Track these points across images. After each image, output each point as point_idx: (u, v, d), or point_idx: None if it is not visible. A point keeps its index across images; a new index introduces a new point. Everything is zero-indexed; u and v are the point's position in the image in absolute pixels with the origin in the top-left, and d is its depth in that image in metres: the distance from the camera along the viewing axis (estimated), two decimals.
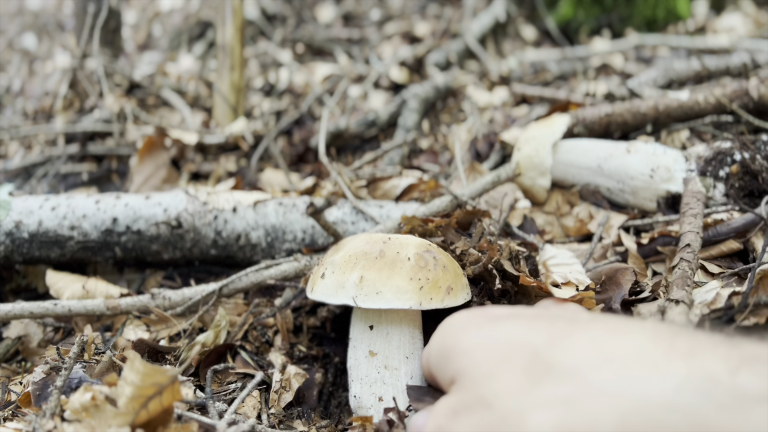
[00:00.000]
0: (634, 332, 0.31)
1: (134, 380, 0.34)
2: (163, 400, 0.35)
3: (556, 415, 0.29)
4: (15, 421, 0.49)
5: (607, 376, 0.29)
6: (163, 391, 0.35)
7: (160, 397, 0.35)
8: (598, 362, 0.30)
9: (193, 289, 0.55)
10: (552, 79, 1.21)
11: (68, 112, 1.17)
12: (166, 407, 0.36)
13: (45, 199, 0.68)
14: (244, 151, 1.03)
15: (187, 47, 1.65)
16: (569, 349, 0.31)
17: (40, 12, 2.05)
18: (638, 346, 0.30)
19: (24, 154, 1.14)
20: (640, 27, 1.48)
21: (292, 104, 1.24)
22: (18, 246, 0.66)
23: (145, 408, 0.35)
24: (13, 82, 1.55)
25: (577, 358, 0.31)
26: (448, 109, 1.15)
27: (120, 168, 1.04)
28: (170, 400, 0.35)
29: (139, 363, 0.34)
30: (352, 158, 1.04)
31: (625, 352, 0.30)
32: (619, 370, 0.29)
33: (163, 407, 0.36)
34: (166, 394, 0.35)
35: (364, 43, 1.58)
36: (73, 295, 0.63)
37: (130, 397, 0.35)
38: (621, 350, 0.30)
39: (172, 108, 1.18)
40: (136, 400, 0.35)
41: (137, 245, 0.66)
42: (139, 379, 0.34)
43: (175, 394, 0.35)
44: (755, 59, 1.08)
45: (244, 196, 0.67)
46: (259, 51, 1.56)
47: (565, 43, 1.48)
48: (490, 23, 1.48)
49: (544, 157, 0.74)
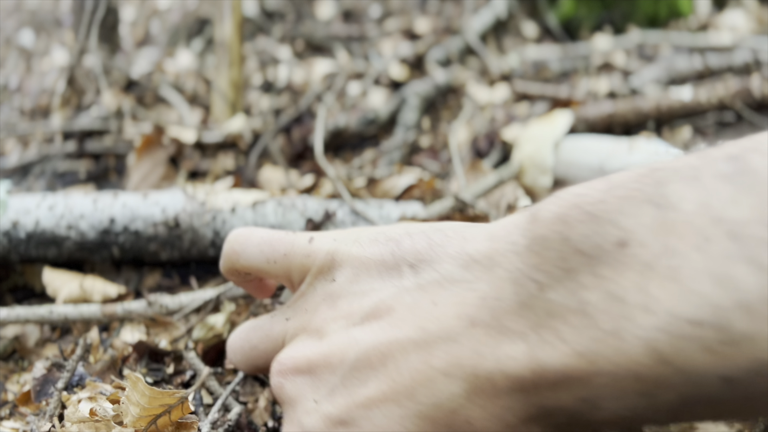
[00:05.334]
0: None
1: (140, 401, 0.33)
2: (172, 416, 0.35)
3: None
4: (13, 421, 0.48)
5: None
6: (172, 410, 0.34)
7: (169, 414, 0.34)
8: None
9: (191, 296, 0.55)
10: (553, 77, 1.21)
11: (66, 109, 1.16)
12: (175, 421, 0.35)
13: (42, 197, 0.67)
14: (242, 149, 1.02)
15: (185, 44, 1.64)
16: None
17: (37, 8, 2.04)
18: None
19: (21, 152, 1.14)
20: (642, 24, 1.47)
21: (291, 101, 1.23)
22: (15, 246, 0.65)
23: (154, 424, 0.34)
24: (11, 79, 1.54)
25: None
26: (449, 107, 1.15)
27: (118, 166, 1.04)
28: (179, 415, 0.35)
29: (143, 386, 0.33)
30: (351, 156, 1.03)
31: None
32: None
33: (172, 422, 0.35)
34: (175, 412, 0.34)
35: (364, 40, 1.57)
36: (70, 295, 0.63)
37: (137, 417, 0.34)
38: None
39: (170, 105, 1.18)
40: (144, 419, 0.34)
41: (135, 245, 0.65)
42: (145, 401, 0.33)
43: (185, 410, 0.35)
44: (758, 57, 1.08)
45: (242, 195, 0.67)
46: (258, 48, 1.55)
47: (567, 40, 1.47)
48: (491, 20, 1.47)
49: (545, 155, 0.73)
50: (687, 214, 0.22)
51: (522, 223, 0.27)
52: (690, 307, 0.21)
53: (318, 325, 0.32)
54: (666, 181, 0.23)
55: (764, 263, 0.20)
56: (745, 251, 0.20)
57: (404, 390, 0.27)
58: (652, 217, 0.22)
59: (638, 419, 0.24)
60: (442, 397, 0.26)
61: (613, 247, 0.23)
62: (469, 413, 0.26)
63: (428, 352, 0.27)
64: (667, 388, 0.22)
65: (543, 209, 0.26)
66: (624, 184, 0.24)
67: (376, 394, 0.27)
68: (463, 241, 0.29)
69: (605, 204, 0.24)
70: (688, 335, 0.21)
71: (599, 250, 0.23)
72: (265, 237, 0.38)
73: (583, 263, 0.23)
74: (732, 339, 0.20)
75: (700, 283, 0.21)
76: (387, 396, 0.27)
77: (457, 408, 0.26)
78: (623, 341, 0.22)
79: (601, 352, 0.22)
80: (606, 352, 0.22)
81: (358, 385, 0.28)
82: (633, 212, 0.23)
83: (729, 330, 0.20)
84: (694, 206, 0.22)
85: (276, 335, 0.36)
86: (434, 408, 0.26)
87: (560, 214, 0.25)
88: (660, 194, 0.23)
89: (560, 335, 0.23)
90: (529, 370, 0.24)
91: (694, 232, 0.21)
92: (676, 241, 0.22)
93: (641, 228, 0.22)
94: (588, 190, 0.25)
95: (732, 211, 0.21)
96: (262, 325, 0.38)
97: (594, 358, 0.23)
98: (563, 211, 0.25)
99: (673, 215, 0.22)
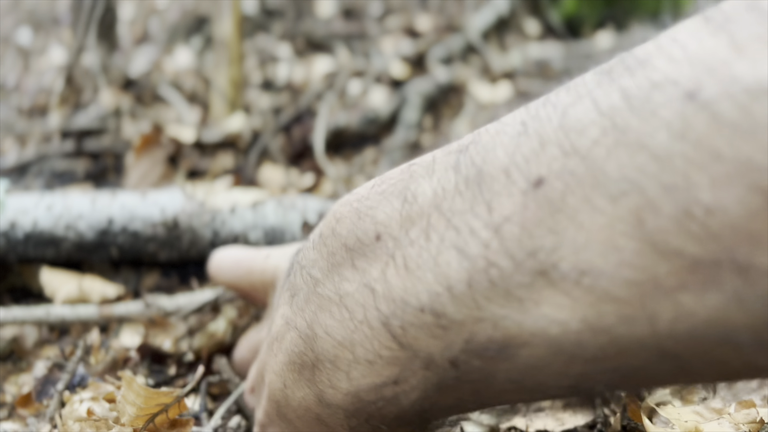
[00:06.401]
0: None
1: (136, 401, 0.34)
2: (170, 414, 0.35)
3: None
4: (11, 422, 0.48)
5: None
6: (169, 409, 0.34)
7: (166, 413, 0.34)
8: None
9: (189, 297, 0.54)
10: (556, 75, 1.20)
11: (64, 108, 1.16)
12: (173, 420, 0.36)
13: (40, 197, 0.67)
14: (242, 148, 1.01)
15: (184, 42, 1.63)
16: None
17: (35, 7, 2.03)
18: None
19: (19, 151, 1.13)
20: (645, 21, 1.46)
21: (291, 100, 1.22)
22: (13, 246, 0.65)
23: (152, 423, 0.35)
24: (8, 78, 1.54)
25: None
26: (450, 106, 1.14)
27: (116, 165, 1.03)
28: (177, 413, 0.35)
29: (138, 386, 0.33)
30: (352, 155, 1.03)
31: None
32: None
33: (170, 420, 0.35)
34: (172, 410, 0.35)
35: (365, 38, 1.56)
36: (68, 295, 0.62)
37: (134, 416, 0.34)
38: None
39: (168, 104, 1.17)
40: (141, 418, 0.34)
41: (134, 246, 0.65)
42: (142, 401, 0.33)
43: (181, 408, 0.35)
44: None
45: (242, 195, 0.66)
46: (257, 46, 1.54)
47: (570, 38, 1.47)
48: (493, 18, 1.47)
49: None
50: (422, 205, 0.23)
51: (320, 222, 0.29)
52: (416, 295, 0.22)
53: (269, 342, 0.35)
54: (415, 174, 0.24)
55: (467, 251, 0.21)
56: (456, 239, 0.21)
57: (269, 394, 0.30)
58: (398, 210, 0.24)
59: (407, 407, 0.24)
60: (278, 395, 0.29)
61: (371, 241, 0.24)
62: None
63: (273, 355, 0.30)
64: (410, 374, 0.23)
65: (329, 208, 0.28)
66: (386, 179, 0.25)
67: (263, 400, 0.31)
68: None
69: (368, 200, 0.25)
70: (417, 321, 0.22)
71: (359, 243, 0.25)
72: (234, 257, 0.42)
73: (347, 257, 0.25)
74: (446, 323, 0.21)
75: (424, 271, 0.22)
76: (267, 401, 0.30)
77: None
78: (372, 329, 0.23)
79: (357, 341, 0.24)
80: (360, 340, 0.24)
81: (259, 394, 0.33)
82: (386, 207, 0.24)
83: (443, 315, 0.21)
84: (428, 198, 0.23)
85: (256, 346, 0.40)
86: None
87: (336, 212, 0.27)
88: (408, 188, 0.24)
89: (327, 328, 0.25)
90: (311, 365, 0.26)
91: (425, 222, 0.22)
92: (413, 232, 0.23)
93: (391, 221, 0.24)
94: (361, 188, 0.27)
95: (451, 201, 0.22)
96: (249, 336, 0.42)
97: (351, 347, 0.24)
98: (338, 209, 0.27)
99: (412, 207, 0.23)
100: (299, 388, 0.27)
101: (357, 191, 0.27)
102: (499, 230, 0.20)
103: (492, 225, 0.20)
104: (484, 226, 0.21)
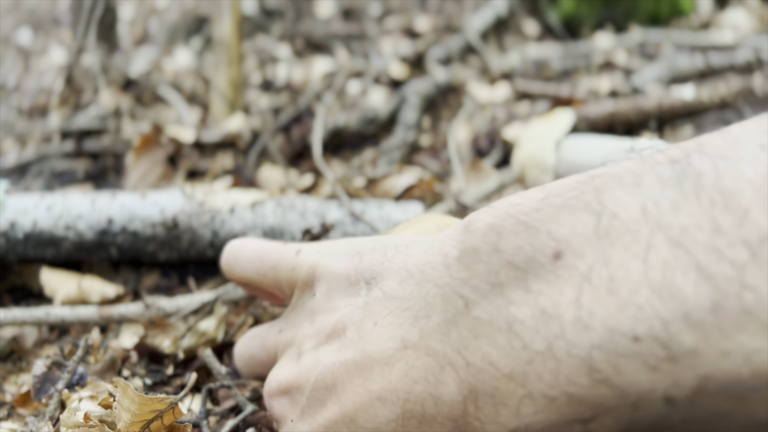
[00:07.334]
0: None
1: (131, 407, 0.33)
2: (165, 421, 0.35)
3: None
4: (11, 422, 0.48)
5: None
6: (164, 415, 0.34)
7: (161, 419, 0.34)
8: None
9: (188, 298, 0.55)
10: (554, 75, 1.20)
11: (64, 108, 1.16)
12: (170, 426, 0.36)
13: (40, 197, 0.67)
14: (241, 148, 1.01)
15: (184, 43, 1.64)
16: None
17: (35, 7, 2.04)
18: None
19: (19, 151, 1.13)
20: (644, 22, 1.46)
21: (290, 100, 1.22)
22: (13, 246, 0.65)
23: (147, 429, 0.35)
24: (8, 78, 1.54)
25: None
26: (449, 106, 1.14)
27: (116, 165, 1.03)
28: (171, 420, 0.35)
29: (132, 392, 0.33)
30: (351, 155, 1.03)
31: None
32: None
33: (165, 426, 0.35)
34: (167, 417, 0.34)
35: (364, 39, 1.56)
36: (68, 295, 0.63)
37: (129, 422, 0.34)
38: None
39: (168, 104, 1.17)
40: (136, 424, 0.34)
41: (133, 246, 0.65)
42: (136, 407, 0.33)
43: (176, 414, 0.35)
44: (760, 55, 1.07)
45: (241, 195, 0.66)
46: (257, 46, 1.54)
47: (568, 38, 1.47)
48: (491, 18, 1.47)
49: (546, 155, 0.73)
50: (626, 221, 0.20)
51: (457, 233, 0.25)
52: (629, 321, 0.19)
53: (299, 341, 0.32)
54: (605, 187, 0.21)
55: (710, 272, 0.18)
56: (688, 259, 0.19)
57: (350, 414, 0.27)
58: (590, 226, 0.21)
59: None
60: (379, 423, 0.26)
61: (548, 260, 0.22)
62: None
63: (366, 376, 0.26)
64: (606, 412, 0.20)
65: (477, 219, 0.24)
66: (561, 192, 0.23)
67: (331, 416, 0.28)
68: (406, 255, 0.28)
69: (540, 213, 0.22)
70: (628, 352, 0.19)
71: (532, 262, 0.22)
72: (256, 249, 0.38)
73: (514, 277, 0.22)
74: (675, 355, 0.18)
75: (640, 295, 0.19)
76: (338, 419, 0.27)
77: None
78: (557, 361, 0.20)
79: (533, 374, 0.21)
80: (538, 373, 0.21)
81: (318, 407, 0.29)
82: (569, 221, 0.21)
83: (672, 345, 0.18)
84: (633, 213, 0.20)
85: (270, 346, 0.36)
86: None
87: (493, 225, 0.23)
88: (598, 201, 0.21)
89: (487, 357, 0.22)
90: (461, 397, 0.23)
91: (634, 240, 0.20)
92: (615, 251, 0.20)
93: (577, 238, 0.21)
94: (523, 199, 0.24)
95: (673, 217, 0.19)
96: (260, 334, 0.38)
97: (524, 380, 0.21)
98: (496, 222, 0.23)
99: (611, 223, 0.21)
100: (425, 418, 0.24)
101: (518, 201, 0.24)
102: (759, 249, 0.17)
103: (745, 242, 0.18)
104: (732, 245, 0.18)
